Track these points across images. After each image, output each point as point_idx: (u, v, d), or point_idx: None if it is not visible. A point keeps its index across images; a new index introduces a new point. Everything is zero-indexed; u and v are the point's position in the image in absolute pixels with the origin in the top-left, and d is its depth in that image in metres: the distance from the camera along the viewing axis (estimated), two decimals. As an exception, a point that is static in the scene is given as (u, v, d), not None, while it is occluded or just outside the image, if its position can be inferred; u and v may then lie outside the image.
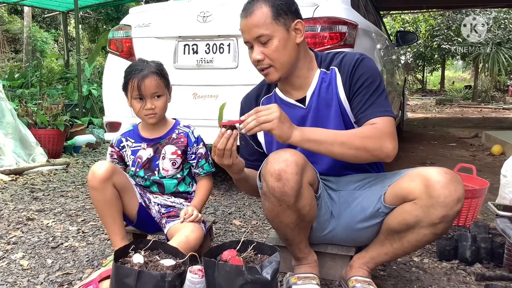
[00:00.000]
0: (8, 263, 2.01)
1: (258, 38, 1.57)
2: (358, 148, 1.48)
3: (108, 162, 1.87)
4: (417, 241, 1.53)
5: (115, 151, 2.02)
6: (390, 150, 1.49)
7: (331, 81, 1.66)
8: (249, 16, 1.57)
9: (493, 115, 11.01)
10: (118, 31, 3.32)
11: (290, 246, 1.68)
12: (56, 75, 8.92)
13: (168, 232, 1.89)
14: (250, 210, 2.83)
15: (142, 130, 2.01)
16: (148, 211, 1.96)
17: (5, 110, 4.15)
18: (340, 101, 1.64)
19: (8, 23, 15.35)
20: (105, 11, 12.21)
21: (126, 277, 1.38)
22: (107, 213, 1.84)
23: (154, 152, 1.96)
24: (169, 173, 1.97)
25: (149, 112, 1.88)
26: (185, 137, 1.97)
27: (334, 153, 1.49)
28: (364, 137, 1.49)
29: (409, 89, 21.08)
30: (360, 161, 1.55)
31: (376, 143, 1.48)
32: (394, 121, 1.57)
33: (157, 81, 1.88)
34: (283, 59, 1.59)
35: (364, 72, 1.60)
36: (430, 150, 5.40)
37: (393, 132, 1.53)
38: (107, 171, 1.80)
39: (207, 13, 3.00)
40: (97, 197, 1.82)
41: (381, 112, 1.55)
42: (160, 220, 1.98)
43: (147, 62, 1.91)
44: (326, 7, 2.87)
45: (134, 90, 1.86)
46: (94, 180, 1.80)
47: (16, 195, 3.17)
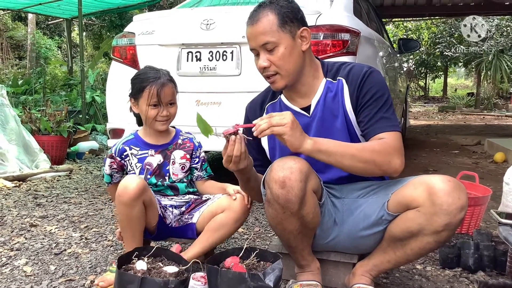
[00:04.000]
0: (11, 269, 2.02)
1: (264, 45, 1.58)
2: (367, 162, 1.49)
3: (140, 177, 1.81)
4: (420, 249, 1.53)
5: (116, 161, 1.99)
6: (398, 165, 1.51)
7: (337, 92, 1.66)
8: (255, 24, 1.58)
9: (496, 123, 10.99)
10: (122, 39, 3.34)
11: (293, 253, 1.68)
12: (59, 82, 8.94)
13: (198, 222, 1.94)
14: (252, 217, 2.83)
15: (146, 137, 2.01)
16: (163, 220, 1.96)
17: (8, 117, 4.17)
18: (346, 112, 1.64)
19: (12, 30, 15.43)
20: (109, 18, 12.27)
21: (129, 283, 1.39)
22: (129, 229, 1.81)
23: (164, 158, 1.99)
24: (179, 177, 2.01)
25: (164, 118, 1.92)
26: (191, 142, 2.05)
27: (344, 165, 1.50)
28: (374, 151, 1.50)
29: (412, 96, 21.10)
30: (367, 174, 1.56)
31: (385, 158, 1.49)
32: (401, 137, 1.59)
33: (173, 89, 1.94)
34: (289, 66, 1.60)
35: (372, 86, 1.61)
36: (433, 157, 5.40)
37: (401, 148, 1.55)
38: (140, 189, 1.73)
39: (210, 21, 3.02)
40: (125, 212, 1.76)
41: (389, 127, 1.56)
42: (179, 219, 1.99)
43: (159, 70, 1.94)
44: (328, 15, 2.88)
45: (153, 98, 1.88)
46: (126, 195, 1.72)
47: (20, 202, 3.17)
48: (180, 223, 1.99)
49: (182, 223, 1.98)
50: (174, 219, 1.99)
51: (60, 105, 6.34)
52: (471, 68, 18.70)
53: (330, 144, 1.50)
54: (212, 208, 1.92)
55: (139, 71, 2.01)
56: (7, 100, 4.33)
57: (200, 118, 1.50)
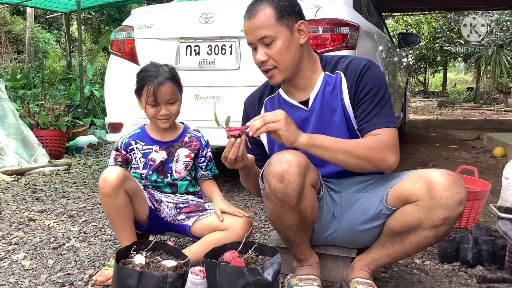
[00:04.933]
0: (9, 263, 2.02)
1: (261, 39, 1.58)
2: (361, 158, 1.50)
3: (119, 168, 1.81)
4: (418, 243, 1.53)
5: (121, 154, 1.98)
6: (392, 162, 1.52)
7: (336, 86, 1.65)
8: (252, 18, 1.58)
9: (495, 117, 10.99)
10: (121, 32, 3.32)
11: (291, 248, 1.68)
12: (58, 76, 8.93)
13: (193, 226, 1.92)
14: (251, 211, 2.83)
15: (152, 133, 1.99)
16: (157, 213, 1.95)
17: (7, 111, 4.16)
18: (345, 106, 1.63)
19: (10, 24, 15.39)
20: (107, 12, 12.24)
21: (127, 277, 1.39)
22: (117, 220, 1.81)
23: (168, 155, 1.96)
24: (181, 175, 1.99)
25: (163, 117, 1.88)
26: (197, 141, 2.01)
27: (338, 160, 1.51)
28: (369, 148, 1.51)
29: (411, 91, 21.08)
30: (361, 170, 1.57)
31: (379, 155, 1.50)
32: (397, 133, 1.58)
33: (172, 87, 1.88)
34: (287, 60, 1.60)
35: (370, 80, 1.60)
36: (432, 152, 5.40)
37: (396, 144, 1.55)
38: (119, 178, 1.74)
39: (209, 15, 3.00)
40: (108, 204, 1.77)
41: (385, 123, 1.56)
42: (175, 217, 1.98)
43: (161, 67, 1.89)
44: (328, 8, 2.87)
45: (150, 97, 1.84)
46: (106, 186, 1.74)
47: (18, 196, 3.17)
48: (175, 221, 1.98)
49: (178, 222, 1.97)
50: (169, 213, 1.98)
51: (59, 99, 6.33)
52: (471, 63, 18.68)
53: (325, 140, 1.50)
54: (214, 222, 1.88)
55: (143, 67, 1.97)
56: (5, 94, 4.31)
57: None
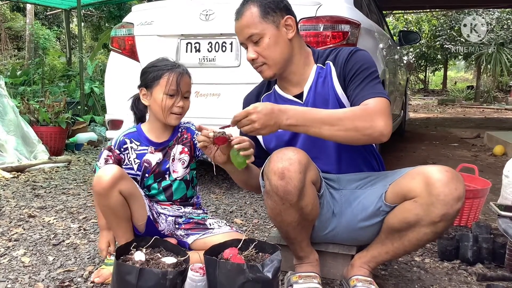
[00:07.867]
0: (9, 260, 2.02)
1: (250, 38, 1.63)
2: (348, 129, 1.45)
3: (117, 167, 1.77)
4: (417, 239, 1.53)
5: (114, 154, 1.91)
6: (382, 127, 1.45)
7: (326, 75, 1.68)
8: (240, 18, 1.65)
9: (495, 116, 10.99)
10: (121, 29, 3.32)
11: (291, 245, 1.68)
12: (58, 73, 8.91)
13: (193, 244, 1.90)
14: (251, 208, 2.83)
15: (148, 133, 1.94)
16: (155, 225, 1.90)
17: (7, 108, 4.16)
18: (337, 94, 1.65)
19: (10, 21, 15.36)
20: (108, 9, 12.20)
21: (127, 274, 1.39)
22: (112, 219, 1.79)
23: (164, 156, 1.93)
24: (179, 174, 1.95)
25: (179, 110, 1.85)
26: (188, 132, 1.98)
27: (324, 135, 1.47)
28: (354, 118, 1.46)
29: (411, 89, 21.06)
30: (352, 142, 1.51)
31: (366, 122, 1.45)
32: (388, 103, 1.53)
33: (190, 81, 1.89)
34: (275, 55, 1.63)
35: (357, 61, 1.62)
36: (432, 150, 5.40)
37: (385, 110, 1.49)
38: (114, 178, 1.70)
39: (209, 12, 3.00)
40: (101, 202, 1.75)
41: (373, 94, 1.53)
42: (173, 232, 1.95)
43: (175, 61, 1.90)
44: (329, 6, 2.86)
45: (172, 85, 1.81)
46: (99, 186, 1.71)
47: (18, 192, 3.17)
48: (173, 235, 1.95)
49: (176, 237, 1.94)
50: (167, 228, 1.94)
51: (59, 96, 6.32)
52: (471, 61, 18.64)
53: (306, 117, 1.46)
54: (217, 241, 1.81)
55: (153, 61, 1.93)
56: (5, 90, 4.31)
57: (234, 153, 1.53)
